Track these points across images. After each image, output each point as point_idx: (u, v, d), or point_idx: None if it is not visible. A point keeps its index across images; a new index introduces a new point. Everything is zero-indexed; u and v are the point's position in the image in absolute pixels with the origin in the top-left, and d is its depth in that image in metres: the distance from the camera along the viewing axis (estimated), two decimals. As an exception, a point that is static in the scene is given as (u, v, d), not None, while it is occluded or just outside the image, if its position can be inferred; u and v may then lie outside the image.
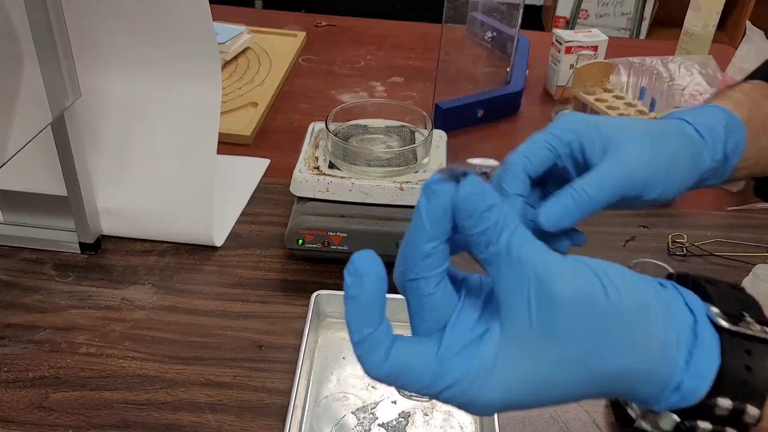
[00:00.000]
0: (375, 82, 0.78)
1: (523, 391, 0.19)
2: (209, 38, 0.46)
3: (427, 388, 0.19)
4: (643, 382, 0.19)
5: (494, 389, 0.18)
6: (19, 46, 0.40)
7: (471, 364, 0.18)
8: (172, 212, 0.50)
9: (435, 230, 0.18)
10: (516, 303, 0.18)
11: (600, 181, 0.25)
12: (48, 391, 0.40)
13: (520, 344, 0.18)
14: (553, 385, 0.19)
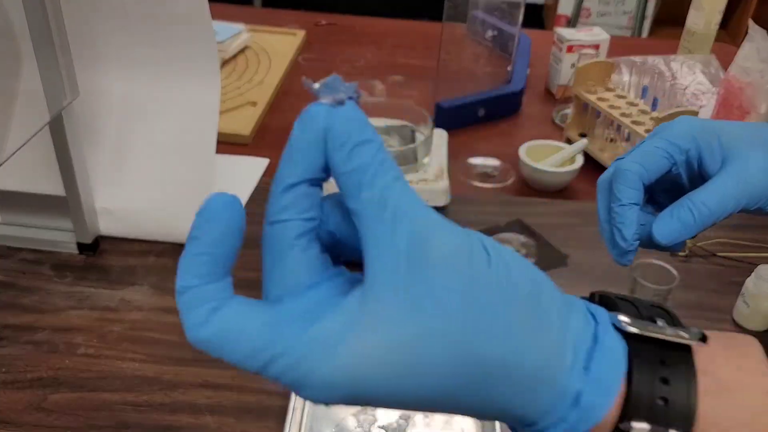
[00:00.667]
0: (375, 81, 0.77)
1: (375, 373, 0.14)
2: (208, 37, 0.46)
3: (249, 359, 0.14)
4: (528, 385, 0.15)
5: (338, 366, 0.14)
6: (17, 46, 0.39)
7: (310, 330, 0.14)
8: (171, 212, 0.50)
9: (302, 161, 0.15)
10: (383, 260, 0.14)
11: (722, 195, 0.24)
12: (46, 392, 0.39)
13: (381, 310, 0.14)
14: (413, 369, 0.14)
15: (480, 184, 0.61)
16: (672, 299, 0.47)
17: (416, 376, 0.15)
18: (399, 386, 0.15)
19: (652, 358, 0.16)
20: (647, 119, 0.59)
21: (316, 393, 0.15)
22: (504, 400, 0.16)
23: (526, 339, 0.15)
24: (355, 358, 0.14)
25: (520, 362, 0.15)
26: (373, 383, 0.14)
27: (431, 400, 0.15)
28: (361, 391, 0.15)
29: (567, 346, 0.16)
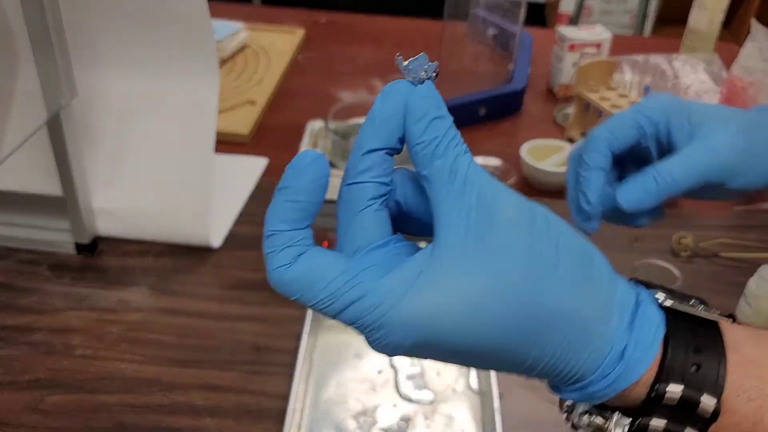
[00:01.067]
0: (375, 79, 0.77)
1: (444, 318, 0.16)
2: (207, 36, 0.46)
3: (329, 301, 0.16)
4: (580, 337, 0.17)
5: (412, 309, 0.16)
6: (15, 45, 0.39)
7: (387, 277, 0.16)
8: (169, 213, 0.50)
9: (382, 130, 0.17)
10: (453, 218, 0.16)
11: (687, 165, 0.24)
12: (44, 394, 0.39)
13: (450, 262, 0.16)
14: (480, 316, 0.16)
15: (481, 183, 0.60)
16: (674, 300, 0.47)
17: (482, 322, 0.16)
18: (465, 332, 0.16)
19: (686, 330, 0.18)
20: (649, 118, 0.58)
21: (389, 335, 0.16)
22: (557, 353, 0.17)
23: (581, 294, 0.17)
24: (427, 302, 0.16)
25: (575, 314, 0.17)
26: (443, 328, 0.16)
27: (491, 350, 0.17)
28: (430, 335, 0.16)
29: (615, 305, 0.18)
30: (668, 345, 0.18)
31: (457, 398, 0.40)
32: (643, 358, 0.17)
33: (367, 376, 0.41)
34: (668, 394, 0.17)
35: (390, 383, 0.40)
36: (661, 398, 0.17)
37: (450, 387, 0.41)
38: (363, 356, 0.42)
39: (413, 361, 0.42)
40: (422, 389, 0.40)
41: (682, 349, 0.18)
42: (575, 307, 0.17)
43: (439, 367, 0.42)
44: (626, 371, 0.17)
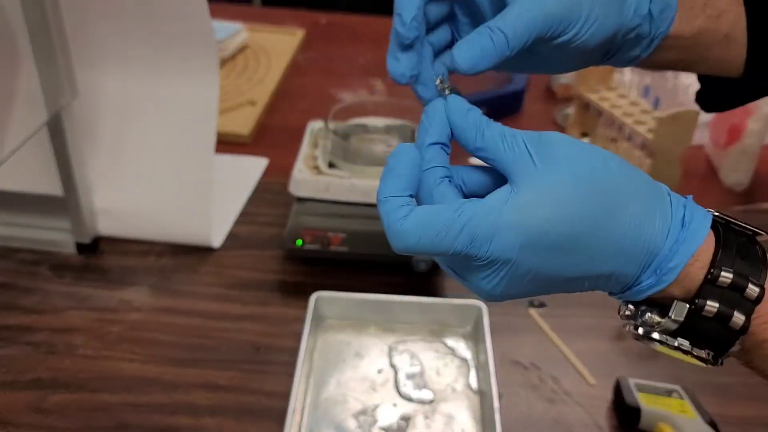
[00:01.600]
0: (375, 79, 0.77)
1: (541, 213, 0.20)
2: (207, 36, 0.46)
3: (446, 230, 0.20)
4: (648, 213, 0.21)
5: (514, 213, 0.21)
6: (16, 45, 0.39)
7: (486, 199, 0.21)
8: (170, 213, 0.50)
9: (435, 129, 0.23)
10: (519, 156, 0.21)
11: (516, 22, 0.24)
12: (45, 394, 0.39)
13: (531, 178, 0.21)
14: (567, 206, 0.21)
15: (480, 183, 0.60)
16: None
17: (570, 211, 0.21)
18: (560, 221, 0.21)
19: (731, 229, 0.22)
20: (649, 119, 0.58)
21: (501, 241, 0.21)
22: (632, 226, 0.21)
23: (638, 186, 0.22)
24: (526, 205, 0.21)
25: (637, 207, 0.21)
26: (541, 222, 0.21)
27: (582, 235, 0.21)
28: (534, 231, 0.21)
29: (668, 204, 0.22)
30: (719, 237, 0.22)
31: (457, 398, 0.40)
32: (700, 229, 0.21)
33: (367, 375, 0.41)
34: (721, 278, 0.21)
35: (390, 383, 0.41)
36: (715, 280, 0.21)
37: (450, 386, 0.41)
38: (363, 356, 0.42)
39: (413, 361, 0.42)
40: (422, 389, 0.40)
41: (730, 242, 0.21)
42: (635, 200, 0.21)
43: (439, 366, 0.42)
44: (689, 238, 0.21)
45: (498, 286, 0.22)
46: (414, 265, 0.47)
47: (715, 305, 0.21)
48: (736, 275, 0.21)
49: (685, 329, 0.21)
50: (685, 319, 0.21)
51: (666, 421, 0.37)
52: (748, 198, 0.60)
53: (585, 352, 0.44)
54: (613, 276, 0.22)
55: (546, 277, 0.21)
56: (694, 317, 0.21)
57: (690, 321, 0.21)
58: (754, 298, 0.21)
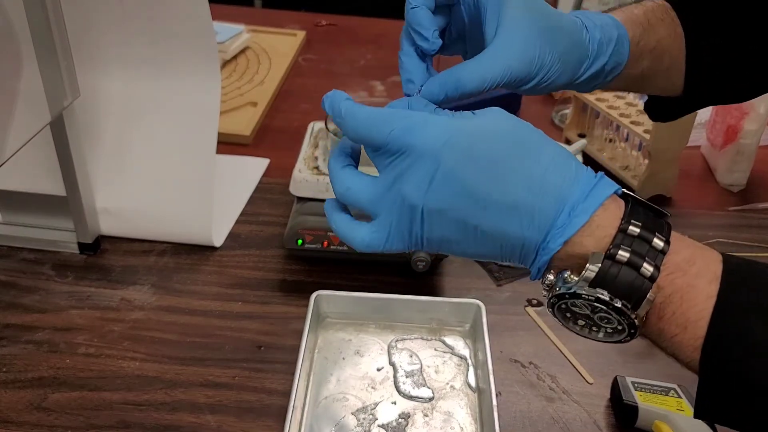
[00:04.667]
0: (375, 81, 0.77)
1: (463, 131, 0.23)
2: (208, 37, 0.46)
3: (388, 117, 0.24)
4: (560, 166, 0.23)
5: (437, 121, 0.24)
6: (18, 46, 0.40)
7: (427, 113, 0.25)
8: (171, 212, 0.50)
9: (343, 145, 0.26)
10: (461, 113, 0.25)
11: (481, 74, 0.28)
12: (47, 392, 0.40)
13: (463, 115, 0.24)
14: (486, 144, 0.23)
15: (479, 184, 0.61)
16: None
17: None
18: (479, 140, 0.23)
19: (640, 202, 0.24)
20: (646, 119, 0.59)
21: (432, 128, 0.23)
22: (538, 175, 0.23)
23: (564, 155, 0.24)
24: (456, 126, 0.24)
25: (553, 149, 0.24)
26: (465, 133, 0.23)
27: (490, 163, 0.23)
28: (452, 135, 0.23)
29: (580, 169, 0.24)
30: (628, 203, 0.24)
31: (456, 396, 0.40)
32: (608, 184, 0.24)
33: (367, 373, 0.41)
34: (630, 229, 0.23)
35: (389, 381, 0.41)
36: (625, 230, 0.23)
37: (448, 384, 0.41)
38: (363, 354, 0.43)
39: (412, 359, 0.42)
40: (421, 387, 0.41)
41: (639, 207, 0.24)
42: (554, 144, 0.24)
43: (438, 364, 0.42)
44: (600, 188, 0.23)
45: (417, 189, 0.23)
46: (413, 264, 0.47)
47: (626, 254, 0.22)
48: (643, 228, 0.23)
49: (600, 281, 0.23)
50: (599, 269, 0.23)
51: (663, 419, 0.38)
52: (745, 198, 0.60)
53: (583, 351, 0.44)
54: (529, 216, 0.23)
55: (463, 206, 0.23)
56: (608, 266, 0.23)
57: (604, 271, 0.23)
58: (660, 248, 0.23)
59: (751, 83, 0.38)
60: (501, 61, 0.27)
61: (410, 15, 0.28)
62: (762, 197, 0.60)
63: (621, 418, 0.40)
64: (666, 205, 0.59)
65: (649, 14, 0.35)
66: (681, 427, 0.37)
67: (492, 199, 0.23)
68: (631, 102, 0.62)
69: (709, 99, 0.39)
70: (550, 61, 0.29)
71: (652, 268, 0.22)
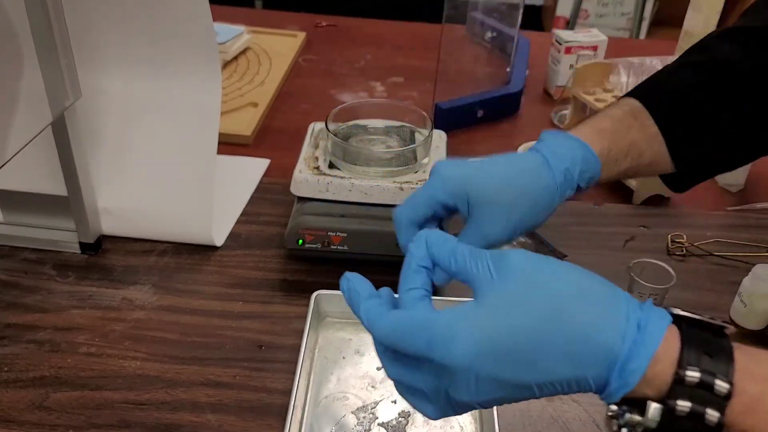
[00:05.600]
0: (375, 82, 0.78)
1: (487, 336, 0.22)
2: (209, 38, 0.46)
3: (411, 330, 0.24)
4: (601, 317, 0.22)
5: (468, 326, 0.23)
6: (20, 46, 0.40)
7: (450, 311, 0.23)
8: (172, 212, 0.50)
9: (418, 255, 0.27)
10: (481, 272, 0.24)
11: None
12: (48, 391, 0.40)
13: (487, 297, 0.23)
14: (517, 318, 0.22)
15: (479, 184, 0.61)
16: (669, 298, 0.47)
17: (516, 339, 0.22)
18: (506, 351, 0.22)
19: (695, 327, 0.23)
20: (645, 120, 0.59)
21: (460, 344, 0.22)
22: (583, 354, 0.22)
23: (589, 302, 0.23)
24: (475, 328, 0.23)
25: (588, 318, 0.22)
26: (487, 348, 0.22)
27: (533, 366, 0.22)
28: (481, 355, 0.22)
29: (620, 310, 0.23)
30: (683, 338, 0.22)
31: (456, 394, 0.40)
32: (656, 330, 0.22)
33: (368, 372, 0.41)
34: (688, 377, 0.22)
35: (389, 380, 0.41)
36: (682, 380, 0.22)
37: (449, 383, 0.41)
38: (363, 353, 0.43)
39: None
40: (421, 386, 0.41)
41: (695, 338, 0.22)
42: (585, 299, 0.23)
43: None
44: (647, 340, 0.22)
45: (466, 394, 0.23)
46: (413, 264, 0.47)
47: (687, 405, 0.21)
48: (703, 373, 0.21)
49: (665, 428, 0.22)
50: (662, 418, 0.22)
51: (662, 418, 0.38)
52: (743, 198, 0.60)
53: (582, 350, 0.44)
54: (576, 381, 0.22)
55: (511, 385, 0.22)
56: (670, 417, 0.22)
57: (666, 420, 0.22)
58: (723, 394, 0.21)
59: (746, 152, 0.41)
60: (479, 238, 0.33)
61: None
62: (760, 197, 0.60)
63: (620, 417, 0.40)
64: (664, 205, 0.59)
65: (616, 124, 0.38)
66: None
67: (536, 382, 0.22)
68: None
69: (710, 172, 0.43)
70: (518, 221, 0.34)
71: (717, 416, 0.21)
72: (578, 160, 0.35)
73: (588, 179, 0.36)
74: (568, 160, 0.35)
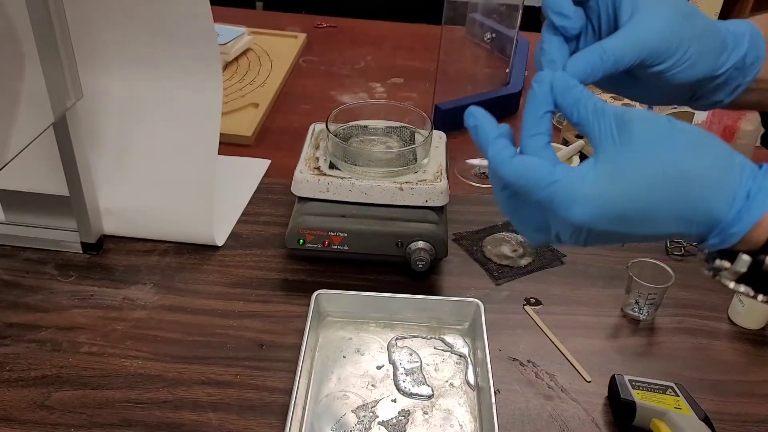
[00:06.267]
0: (375, 83, 0.78)
1: (606, 201, 0.23)
2: (210, 39, 0.47)
3: (535, 183, 0.24)
4: (713, 187, 0.23)
5: (589, 190, 0.24)
6: (21, 47, 0.40)
7: (572, 170, 0.24)
8: (174, 212, 0.50)
9: (543, 100, 0.26)
10: (603, 134, 0.24)
11: (623, 44, 0.28)
12: (50, 390, 0.40)
13: (608, 161, 0.24)
14: (635, 187, 0.23)
15: (478, 184, 0.61)
16: (668, 298, 0.47)
17: (636, 194, 0.23)
18: (625, 207, 0.23)
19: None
20: (644, 121, 0.59)
21: (579, 206, 0.24)
22: (697, 206, 0.23)
23: (706, 156, 0.24)
24: (597, 187, 0.24)
25: (706, 172, 0.24)
26: (608, 205, 0.23)
27: (648, 217, 0.23)
28: (603, 210, 0.23)
29: (735, 164, 0.24)
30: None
31: (455, 393, 0.41)
32: (764, 202, 0.23)
33: (368, 371, 0.42)
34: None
35: (389, 379, 0.41)
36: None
37: (448, 382, 0.41)
38: (363, 352, 0.43)
39: (412, 358, 0.43)
40: (421, 385, 0.41)
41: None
42: (703, 168, 0.24)
43: (437, 362, 0.43)
44: (753, 208, 0.23)
45: (574, 240, 0.25)
46: (413, 264, 0.48)
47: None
48: None
49: (750, 277, 0.24)
50: (748, 270, 0.24)
51: (661, 418, 0.38)
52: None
53: (581, 350, 0.45)
54: (679, 235, 0.25)
55: (620, 237, 0.25)
56: (756, 268, 0.24)
57: (752, 272, 0.24)
58: None
59: None
60: (640, 34, 0.28)
61: (547, 0, 0.29)
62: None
63: (619, 416, 0.40)
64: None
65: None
66: (679, 425, 0.37)
67: (647, 234, 0.24)
68: (629, 103, 0.62)
69: None
70: (689, 39, 0.29)
71: None
72: (746, 32, 0.31)
73: (754, 57, 0.31)
74: (735, 26, 0.31)
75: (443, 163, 0.51)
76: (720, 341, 0.46)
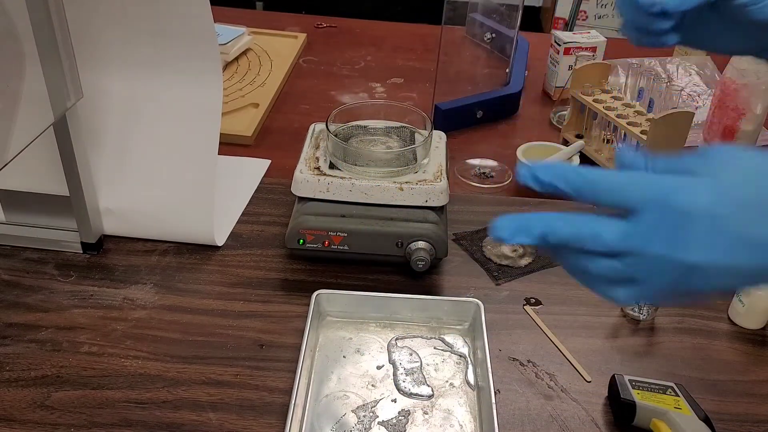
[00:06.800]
0: (375, 83, 0.78)
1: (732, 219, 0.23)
2: (210, 39, 0.47)
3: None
4: None
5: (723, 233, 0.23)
6: (22, 47, 0.40)
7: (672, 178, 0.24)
8: (174, 212, 0.50)
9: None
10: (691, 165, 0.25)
11: None
12: (50, 390, 0.40)
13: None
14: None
15: (478, 184, 0.61)
16: (668, 298, 0.47)
17: None
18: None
19: None
20: (643, 121, 0.59)
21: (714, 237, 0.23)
22: None
23: None
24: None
25: None
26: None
27: None
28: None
29: None
30: None
31: (455, 393, 0.41)
32: None
33: (368, 371, 0.42)
34: None
35: (389, 379, 0.41)
36: None
37: (448, 382, 0.41)
38: (363, 352, 0.43)
39: (412, 358, 0.43)
40: (421, 385, 0.41)
41: None
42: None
43: (437, 362, 0.43)
44: None
45: (707, 284, 0.24)
46: (413, 264, 0.48)
47: None
48: None
49: None
50: None
51: (661, 418, 0.38)
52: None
53: (581, 350, 0.45)
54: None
55: (748, 275, 0.23)
56: None
57: None
58: None
59: None
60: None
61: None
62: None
63: (619, 415, 0.40)
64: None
65: None
66: (678, 425, 0.37)
67: None
68: (629, 103, 0.62)
69: None
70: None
71: None
72: None
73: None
74: None
75: (443, 163, 0.51)
76: (720, 341, 0.46)
